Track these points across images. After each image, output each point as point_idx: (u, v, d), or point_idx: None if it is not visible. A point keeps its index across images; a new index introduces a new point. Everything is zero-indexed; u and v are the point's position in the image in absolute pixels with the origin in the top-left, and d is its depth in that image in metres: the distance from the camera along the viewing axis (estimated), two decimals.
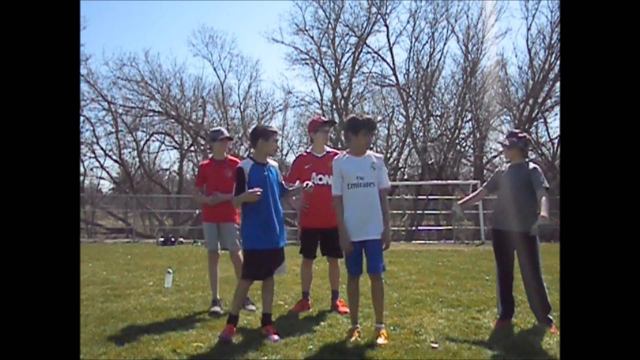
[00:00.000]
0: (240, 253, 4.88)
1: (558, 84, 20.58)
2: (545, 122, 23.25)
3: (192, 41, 35.16)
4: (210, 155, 5.23)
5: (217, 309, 4.71)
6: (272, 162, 4.09)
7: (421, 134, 23.79)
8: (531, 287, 4.15)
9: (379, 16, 23.63)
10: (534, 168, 4.21)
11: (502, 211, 4.27)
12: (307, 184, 4.21)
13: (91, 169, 26.54)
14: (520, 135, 4.38)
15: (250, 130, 4.53)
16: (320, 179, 4.82)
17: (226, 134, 5.16)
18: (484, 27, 22.89)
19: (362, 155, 3.83)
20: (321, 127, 4.98)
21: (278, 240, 3.92)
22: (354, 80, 24.60)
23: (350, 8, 25.11)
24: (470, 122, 24.14)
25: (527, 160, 4.36)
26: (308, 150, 5.04)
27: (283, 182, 4.16)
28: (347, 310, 4.68)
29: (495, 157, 25.23)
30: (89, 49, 39.75)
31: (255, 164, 3.95)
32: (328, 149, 5.04)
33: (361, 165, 3.78)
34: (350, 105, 24.62)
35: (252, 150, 4.25)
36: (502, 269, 4.30)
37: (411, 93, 23.87)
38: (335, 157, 3.93)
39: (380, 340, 3.62)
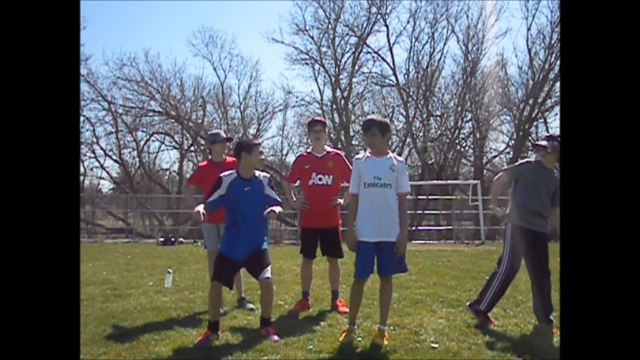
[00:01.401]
0: None
1: (558, 84, 20.59)
2: (545, 122, 23.30)
3: (192, 41, 35.29)
4: (209, 157, 5.22)
5: None
6: (261, 176, 4.01)
7: (421, 134, 23.81)
8: (542, 287, 4.15)
9: (379, 16, 23.68)
10: None
11: (533, 211, 4.20)
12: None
13: (91, 169, 26.62)
14: (560, 139, 4.34)
15: (250, 131, 4.47)
16: (320, 179, 4.82)
17: (224, 135, 5.17)
18: (484, 27, 22.98)
19: (381, 156, 3.78)
20: (309, 127, 5.05)
21: (247, 252, 3.90)
22: (354, 80, 24.65)
23: (350, 8, 25.19)
24: (470, 122, 24.20)
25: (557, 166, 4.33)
26: (309, 151, 5.05)
27: (272, 193, 4.02)
28: (347, 310, 4.68)
29: (495, 157, 25.28)
30: (89, 49, 39.92)
31: (238, 177, 3.93)
32: (329, 149, 5.05)
33: (380, 166, 3.74)
34: (350, 105, 24.64)
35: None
36: (515, 267, 4.26)
37: (411, 93, 23.89)
38: (356, 157, 3.92)
39: (382, 342, 3.62)
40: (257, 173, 4.02)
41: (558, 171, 4.28)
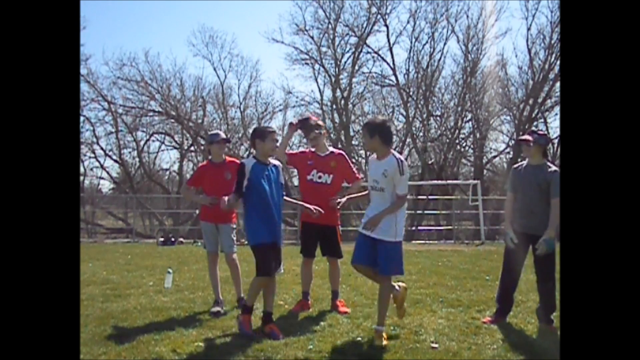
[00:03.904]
0: (235, 256, 4.89)
1: (558, 84, 20.58)
2: (545, 122, 23.26)
3: (192, 41, 35.07)
4: (209, 157, 5.23)
5: (217, 309, 4.71)
6: (274, 162, 4.14)
7: (421, 134, 23.78)
8: (545, 286, 4.17)
9: (379, 16, 23.62)
10: (556, 171, 4.11)
11: (525, 212, 4.20)
12: (315, 209, 4.26)
13: (91, 169, 26.55)
14: (541, 133, 4.34)
15: (250, 131, 4.51)
16: (320, 177, 4.83)
17: (223, 136, 5.17)
18: (484, 27, 22.91)
19: (382, 158, 3.82)
20: (304, 132, 5.04)
21: (278, 236, 4.02)
22: (354, 80, 24.57)
23: (350, 8, 25.10)
24: (470, 122, 24.16)
25: (546, 161, 4.27)
26: (313, 150, 5.06)
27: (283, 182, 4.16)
28: (347, 310, 4.69)
29: (495, 157, 25.27)
30: (89, 49, 39.69)
31: (257, 162, 4.01)
32: (332, 149, 5.07)
33: (377, 170, 3.81)
34: (350, 106, 24.62)
35: (252, 151, 4.26)
36: (516, 269, 4.31)
37: (411, 93, 23.87)
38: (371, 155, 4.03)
39: (380, 342, 3.62)
40: (271, 160, 4.12)
41: (551, 167, 4.23)
